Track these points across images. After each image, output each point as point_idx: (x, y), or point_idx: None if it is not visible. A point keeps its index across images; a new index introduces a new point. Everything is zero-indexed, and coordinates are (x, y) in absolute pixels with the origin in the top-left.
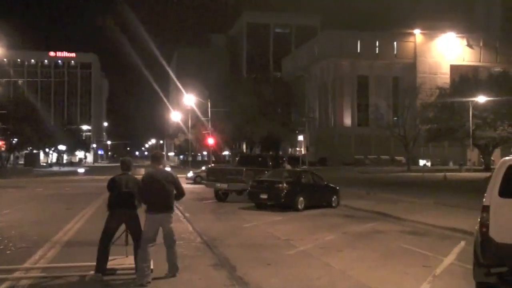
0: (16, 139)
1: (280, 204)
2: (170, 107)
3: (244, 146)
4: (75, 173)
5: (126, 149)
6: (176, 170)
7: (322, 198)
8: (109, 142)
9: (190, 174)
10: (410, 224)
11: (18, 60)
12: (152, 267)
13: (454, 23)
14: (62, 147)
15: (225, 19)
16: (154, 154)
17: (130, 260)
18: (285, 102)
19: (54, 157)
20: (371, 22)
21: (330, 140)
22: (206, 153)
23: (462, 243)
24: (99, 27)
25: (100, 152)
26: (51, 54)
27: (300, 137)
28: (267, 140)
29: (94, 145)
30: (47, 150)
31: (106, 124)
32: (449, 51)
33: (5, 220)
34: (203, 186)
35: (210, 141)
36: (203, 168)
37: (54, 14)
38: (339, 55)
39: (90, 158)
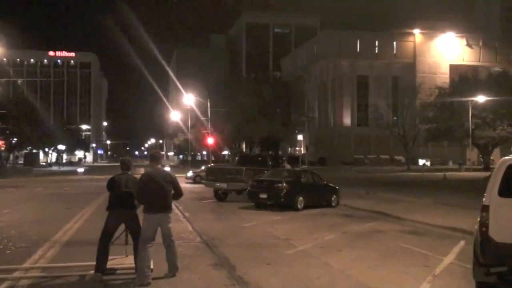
0: (15, 139)
1: (279, 203)
2: (169, 107)
3: (243, 146)
4: (75, 172)
5: (125, 148)
6: (175, 169)
7: (321, 197)
8: (108, 142)
9: (190, 174)
10: (410, 223)
11: (18, 59)
12: (152, 267)
13: (453, 23)
14: (61, 147)
15: (224, 19)
16: (152, 154)
17: (130, 259)
18: (284, 102)
19: (53, 156)
20: (371, 22)
21: (329, 139)
22: (205, 152)
23: (462, 243)
24: (99, 27)
25: (99, 151)
26: (51, 53)
27: (299, 136)
28: (267, 139)
29: (94, 144)
30: (47, 149)
31: (105, 123)
32: (448, 51)
33: (4, 219)
34: (203, 185)
35: (210, 140)
36: (203, 167)
37: (54, 14)
38: (339, 55)
39: (89, 157)
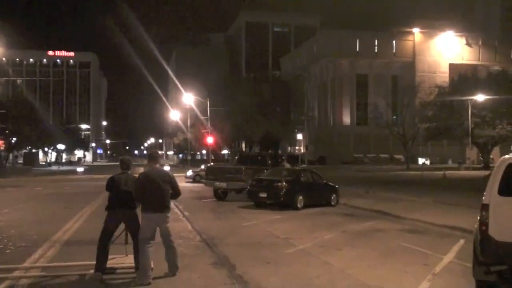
0: (15, 138)
1: (279, 202)
2: (169, 106)
3: (243, 145)
4: (74, 172)
5: (125, 148)
6: (175, 169)
7: (321, 196)
8: (108, 141)
9: (189, 173)
10: (410, 222)
11: (17, 59)
12: (152, 266)
13: (453, 22)
14: (61, 146)
15: (224, 19)
16: (150, 153)
17: (129, 259)
18: (284, 101)
19: (53, 156)
20: (370, 21)
21: (329, 139)
22: (205, 152)
23: (462, 241)
24: (98, 27)
25: (99, 151)
26: (50, 53)
27: (299, 136)
28: (266, 139)
29: (93, 144)
30: (46, 149)
31: (105, 123)
32: (448, 50)
33: (4, 219)
34: (203, 185)
35: (209, 140)
36: (202, 167)
37: (53, 14)
38: (338, 54)
39: (89, 157)
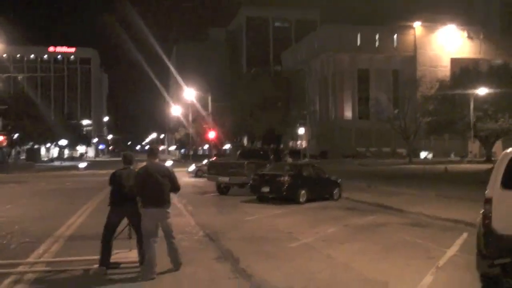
0: (17, 135)
1: (281, 197)
2: (170, 102)
3: (245, 140)
4: (77, 168)
5: (127, 143)
6: (177, 164)
7: (323, 191)
8: (110, 137)
9: (192, 168)
10: (412, 216)
11: (18, 55)
12: (156, 261)
13: (454, 16)
14: (63, 142)
15: (224, 14)
16: (150, 148)
17: (133, 253)
18: (285, 96)
19: (55, 152)
20: (371, 16)
21: (331, 133)
22: (207, 147)
23: (465, 235)
24: (99, 23)
25: (101, 146)
26: (51, 49)
27: (301, 130)
28: (268, 133)
29: (95, 139)
30: (48, 145)
31: (106, 118)
32: (449, 44)
33: (8, 215)
34: (205, 179)
35: (211, 135)
36: (205, 162)
37: (54, 10)
38: (339, 49)
39: (91, 152)
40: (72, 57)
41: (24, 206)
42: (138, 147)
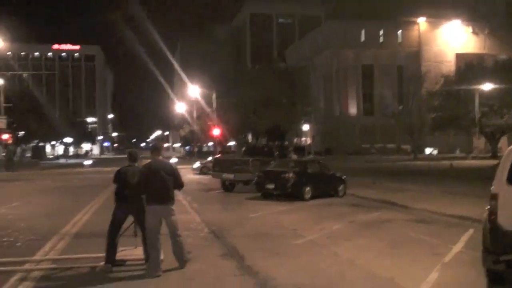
0: (22, 132)
1: (286, 194)
2: (175, 99)
3: (250, 137)
4: (82, 165)
5: (131, 140)
6: (182, 161)
7: (328, 187)
8: (114, 134)
9: (196, 165)
10: (417, 212)
11: (22, 53)
12: (162, 258)
13: (459, 11)
14: (68, 140)
15: (228, 10)
16: (153, 145)
17: (139, 251)
18: (289, 93)
19: (60, 149)
20: (375, 11)
21: (335, 130)
22: (212, 144)
23: (470, 231)
24: (103, 20)
25: (106, 144)
26: (55, 46)
27: (305, 127)
28: (273, 130)
29: (100, 137)
30: (54, 142)
31: (111, 116)
32: (454, 39)
33: (14, 212)
34: (210, 176)
35: (216, 131)
36: (209, 158)
37: (58, 7)
38: (343, 45)
39: (96, 150)
40: (76, 54)
41: (30, 203)
42: (142, 144)
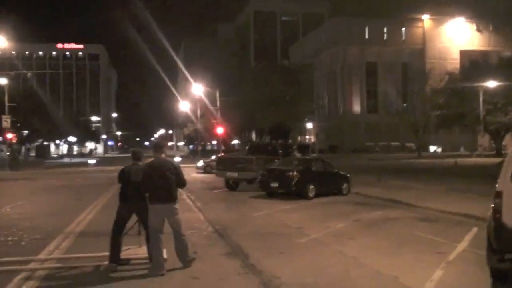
0: (26, 132)
1: (290, 192)
2: (178, 97)
3: (253, 135)
4: (86, 164)
5: (135, 139)
6: (185, 159)
7: (332, 185)
8: (118, 133)
9: (200, 164)
10: (422, 210)
11: (26, 52)
12: (166, 257)
13: (463, 8)
14: (72, 139)
15: (231, 8)
16: (156, 143)
17: (143, 250)
18: (293, 90)
19: (64, 148)
20: (379, 8)
21: (339, 127)
22: (215, 142)
23: (475, 229)
24: (107, 19)
25: (110, 143)
26: (59, 46)
27: (309, 125)
28: (277, 128)
29: (104, 136)
30: (58, 142)
31: (115, 115)
32: (458, 36)
33: (18, 211)
34: (214, 175)
35: (220, 130)
36: (213, 157)
37: (62, 6)
38: (347, 42)
39: (100, 149)
40: (80, 53)
41: (34, 202)
42: (147, 143)
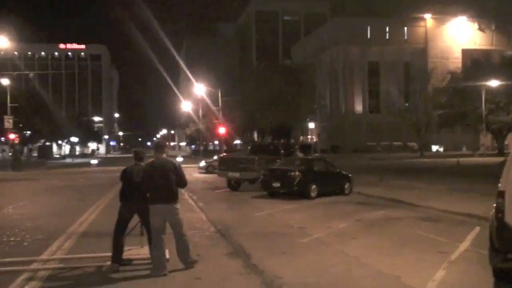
0: (28, 132)
1: (292, 192)
2: (180, 97)
3: (255, 135)
4: (88, 164)
5: (138, 139)
6: (188, 159)
7: (334, 185)
8: (121, 133)
9: (202, 164)
10: (424, 210)
11: (29, 53)
12: (168, 257)
13: (465, 7)
14: (74, 139)
15: (233, 8)
16: (157, 143)
17: (145, 250)
18: (295, 90)
19: (67, 149)
20: (381, 8)
21: (341, 127)
22: (217, 142)
23: (477, 229)
24: (109, 19)
25: (112, 143)
26: (61, 46)
27: (311, 124)
28: (278, 128)
29: (106, 136)
30: (60, 142)
31: (117, 115)
32: (460, 35)
33: (21, 212)
34: (216, 175)
35: (222, 130)
36: (215, 157)
37: (64, 6)
38: (349, 42)
39: (102, 149)
40: (82, 54)
41: (37, 203)
42: (149, 143)
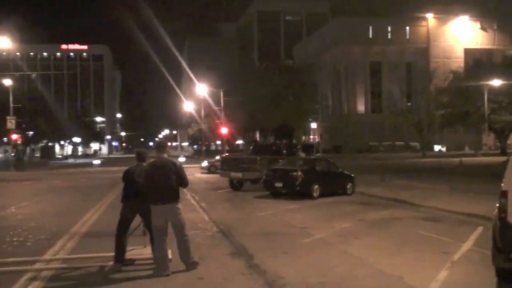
0: (31, 132)
1: (295, 192)
2: (182, 97)
3: (257, 135)
4: (91, 165)
5: (140, 140)
6: (190, 160)
7: (337, 185)
8: (123, 134)
9: (205, 164)
10: (426, 210)
11: (31, 53)
12: (170, 257)
13: (467, 7)
14: (77, 140)
15: (235, 8)
16: (158, 143)
17: (148, 250)
18: (297, 90)
19: (69, 149)
20: (383, 7)
21: (343, 127)
22: (220, 142)
23: (480, 229)
24: (111, 19)
25: (114, 143)
26: (63, 47)
27: (313, 125)
28: (281, 128)
29: (109, 136)
30: (62, 142)
31: (119, 115)
32: (462, 35)
33: (23, 212)
34: (218, 175)
35: (224, 130)
36: (217, 157)
37: (66, 7)
38: (351, 42)
39: (104, 149)
40: (84, 54)
41: (39, 203)
42: (151, 143)
